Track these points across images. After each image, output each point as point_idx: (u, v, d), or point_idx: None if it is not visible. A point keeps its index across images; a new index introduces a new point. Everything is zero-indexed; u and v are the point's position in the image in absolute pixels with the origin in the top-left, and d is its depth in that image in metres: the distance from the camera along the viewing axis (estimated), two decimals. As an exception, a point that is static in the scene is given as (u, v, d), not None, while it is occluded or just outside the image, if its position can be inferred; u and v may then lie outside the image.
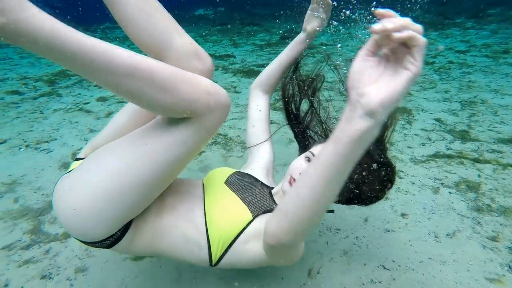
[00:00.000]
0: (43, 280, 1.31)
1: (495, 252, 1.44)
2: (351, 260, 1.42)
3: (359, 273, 1.36)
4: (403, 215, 1.67)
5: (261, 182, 1.17)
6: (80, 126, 2.72)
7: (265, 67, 1.35)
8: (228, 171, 1.15)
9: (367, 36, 0.57)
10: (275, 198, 1.09)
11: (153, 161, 0.80)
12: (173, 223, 0.96)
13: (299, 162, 1.04)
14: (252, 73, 4.07)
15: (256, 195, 1.06)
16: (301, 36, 1.25)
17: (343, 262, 1.41)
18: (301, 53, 1.27)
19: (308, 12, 1.21)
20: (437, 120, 2.72)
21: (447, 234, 1.55)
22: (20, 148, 2.34)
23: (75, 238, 0.89)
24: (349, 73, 0.56)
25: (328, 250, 1.47)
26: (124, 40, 6.51)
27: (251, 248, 0.92)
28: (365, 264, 1.40)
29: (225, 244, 0.93)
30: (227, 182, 1.08)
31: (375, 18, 0.52)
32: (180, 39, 0.88)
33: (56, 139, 2.49)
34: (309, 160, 1.04)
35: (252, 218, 0.97)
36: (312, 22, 1.21)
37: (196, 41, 0.93)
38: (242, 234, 0.94)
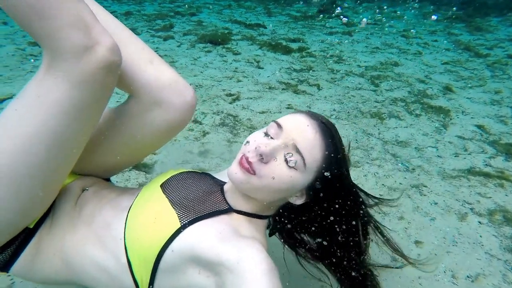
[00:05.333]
0: None
1: (524, 309, 1.19)
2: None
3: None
4: (417, 242, 1.43)
5: (216, 179, 0.92)
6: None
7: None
8: (174, 172, 0.92)
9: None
10: (226, 196, 0.84)
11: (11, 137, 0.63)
12: (83, 243, 0.78)
13: (256, 137, 0.76)
14: (279, 48, 3.74)
15: (197, 195, 0.82)
16: None
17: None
18: None
19: None
20: (479, 127, 2.35)
21: (467, 276, 1.30)
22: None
23: None
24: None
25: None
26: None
27: (194, 277, 0.69)
28: (360, 300, 1.20)
29: (149, 265, 0.72)
30: (164, 184, 0.85)
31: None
32: (153, 69, 0.81)
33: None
34: (268, 135, 0.76)
35: (180, 225, 0.73)
36: None
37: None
38: (168, 250, 0.71)
